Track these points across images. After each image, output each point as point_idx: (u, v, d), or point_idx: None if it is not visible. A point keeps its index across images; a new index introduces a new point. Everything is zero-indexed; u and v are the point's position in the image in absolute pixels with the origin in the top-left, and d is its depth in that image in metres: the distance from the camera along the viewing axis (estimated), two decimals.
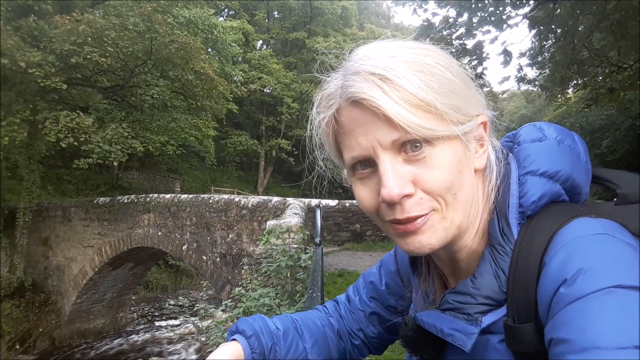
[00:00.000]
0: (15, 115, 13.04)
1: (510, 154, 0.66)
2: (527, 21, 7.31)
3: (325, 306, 0.99)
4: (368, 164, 0.60)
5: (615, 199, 0.62)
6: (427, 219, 0.58)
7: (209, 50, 21.96)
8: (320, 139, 0.67)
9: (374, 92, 0.55)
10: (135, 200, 13.46)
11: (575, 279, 0.47)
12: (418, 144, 0.56)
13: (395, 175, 0.56)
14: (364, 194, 0.62)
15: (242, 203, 10.73)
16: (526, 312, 0.54)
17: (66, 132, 12.72)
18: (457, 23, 7.28)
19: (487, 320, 0.57)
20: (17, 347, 13.55)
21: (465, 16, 7.21)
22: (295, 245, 5.75)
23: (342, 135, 0.62)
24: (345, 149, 0.62)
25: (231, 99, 21.55)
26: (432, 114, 0.56)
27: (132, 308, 17.48)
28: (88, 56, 12.92)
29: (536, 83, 10.51)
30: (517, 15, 7.36)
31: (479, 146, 0.62)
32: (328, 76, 0.65)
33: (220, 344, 0.82)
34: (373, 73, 0.57)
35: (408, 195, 0.57)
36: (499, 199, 0.62)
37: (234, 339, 0.79)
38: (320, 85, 0.65)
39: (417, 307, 0.74)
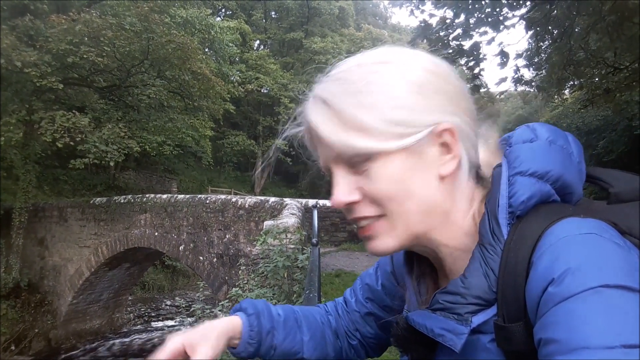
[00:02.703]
0: (11, 115, 12.99)
1: (502, 156, 0.66)
2: (524, 22, 7.32)
3: (326, 305, 1.01)
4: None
5: (608, 198, 0.62)
6: (375, 226, 0.63)
7: (206, 50, 21.95)
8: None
9: (313, 115, 0.62)
10: (132, 200, 13.43)
11: (563, 278, 0.48)
12: (358, 160, 0.60)
13: (341, 185, 0.62)
14: None
15: (239, 203, 10.72)
16: (515, 311, 0.54)
17: (62, 132, 12.69)
18: (454, 24, 7.28)
19: (477, 320, 0.57)
20: (13, 348, 13.50)
21: (462, 17, 7.22)
22: (292, 246, 5.75)
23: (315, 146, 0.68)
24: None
25: (228, 99, 21.54)
26: (365, 132, 0.59)
27: (129, 309, 17.44)
28: (84, 56, 12.89)
29: (533, 84, 10.53)
30: (514, 16, 7.37)
31: (445, 152, 0.62)
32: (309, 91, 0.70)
33: None
34: (316, 96, 0.63)
35: (355, 202, 0.62)
36: (489, 199, 0.63)
37: (236, 316, 0.83)
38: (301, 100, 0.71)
39: (410, 307, 0.74)
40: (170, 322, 16.53)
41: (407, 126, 0.60)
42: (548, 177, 0.60)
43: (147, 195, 13.42)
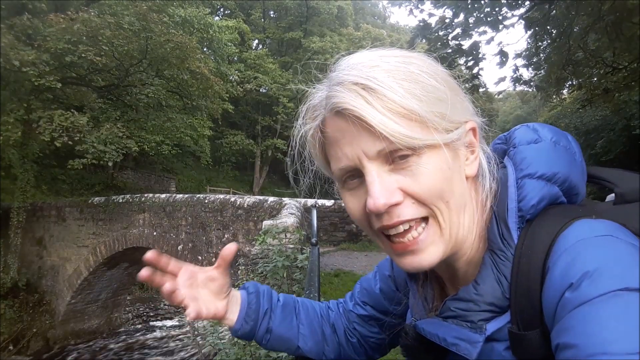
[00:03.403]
0: (9, 114, 12.96)
1: (506, 157, 0.65)
2: (523, 22, 7.32)
3: (329, 302, 1.02)
4: (356, 175, 0.59)
5: (613, 198, 0.61)
6: (422, 236, 0.57)
7: (205, 49, 21.92)
8: (308, 151, 0.67)
9: (357, 102, 0.55)
10: (130, 200, 13.40)
11: (580, 282, 0.46)
12: (404, 153, 0.55)
13: (381, 185, 0.56)
14: (353, 205, 0.61)
15: (238, 203, 10.70)
16: (531, 318, 0.53)
17: (60, 131, 12.66)
18: (453, 23, 7.28)
19: (491, 327, 0.56)
20: (11, 347, 13.47)
21: (462, 16, 7.22)
22: (291, 246, 5.74)
23: (329, 146, 0.62)
24: (332, 160, 0.62)
25: (227, 99, 21.52)
26: (416, 122, 0.55)
27: (127, 308, 17.41)
28: (83, 55, 12.87)
29: (531, 84, 10.54)
30: (513, 16, 7.38)
31: (470, 153, 0.61)
32: (313, 87, 0.65)
33: (216, 344, 0.85)
34: (356, 83, 0.56)
35: (396, 204, 0.56)
36: (496, 203, 0.61)
37: (237, 291, 0.89)
38: (306, 97, 0.65)
39: (415, 314, 0.73)
40: (169, 322, 16.50)
41: (449, 121, 0.57)
42: (556, 179, 0.59)
43: (145, 195, 13.40)
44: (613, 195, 0.62)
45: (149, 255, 0.75)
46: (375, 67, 0.57)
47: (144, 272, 0.74)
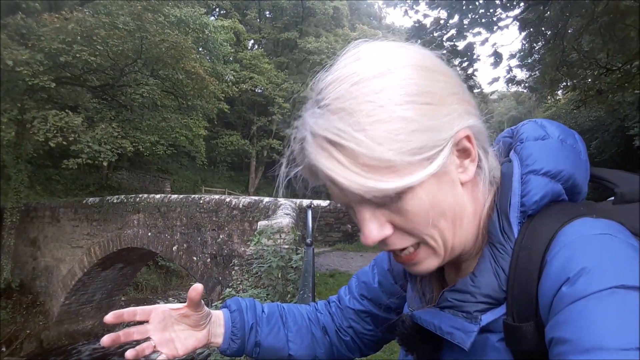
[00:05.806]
0: (3, 114, 12.87)
1: (512, 151, 0.65)
2: (518, 23, 7.38)
3: (316, 303, 1.01)
4: (352, 207, 0.59)
5: (613, 198, 0.62)
6: (416, 254, 0.60)
7: (200, 49, 21.85)
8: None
9: (323, 161, 0.54)
10: (125, 200, 13.35)
11: (577, 278, 0.47)
12: (386, 199, 0.55)
13: (370, 222, 0.57)
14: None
15: (233, 203, 10.68)
16: (526, 311, 0.54)
17: (55, 131, 12.60)
18: (448, 25, 7.33)
19: (486, 318, 0.57)
20: (4, 349, 13.37)
21: (456, 18, 7.26)
22: (286, 246, 5.74)
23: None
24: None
25: (222, 99, 21.48)
26: (389, 169, 0.52)
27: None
28: (77, 55, 12.80)
29: (526, 84, 10.60)
30: (507, 17, 7.43)
31: (464, 158, 0.59)
32: (299, 117, 0.61)
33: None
34: (325, 137, 0.54)
35: (387, 237, 0.58)
36: (499, 197, 0.62)
37: (220, 311, 0.89)
38: (293, 129, 0.62)
39: (412, 305, 0.73)
40: None
41: (430, 148, 0.54)
42: (560, 177, 0.59)
43: (140, 195, 13.35)
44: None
45: (109, 318, 0.77)
46: (339, 112, 0.53)
47: (106, 339, 0.76)
